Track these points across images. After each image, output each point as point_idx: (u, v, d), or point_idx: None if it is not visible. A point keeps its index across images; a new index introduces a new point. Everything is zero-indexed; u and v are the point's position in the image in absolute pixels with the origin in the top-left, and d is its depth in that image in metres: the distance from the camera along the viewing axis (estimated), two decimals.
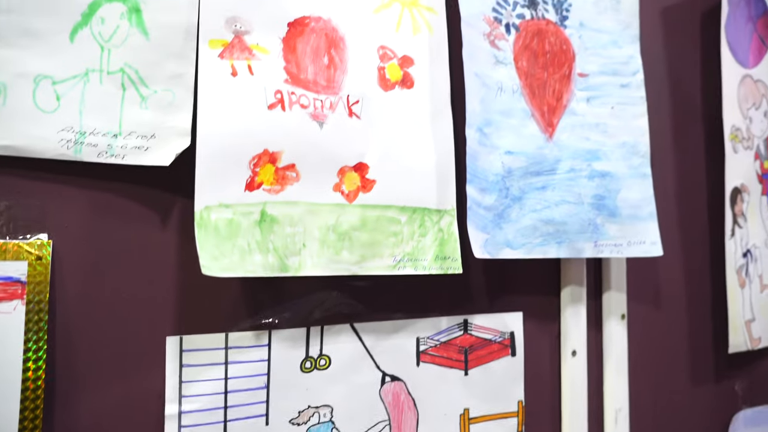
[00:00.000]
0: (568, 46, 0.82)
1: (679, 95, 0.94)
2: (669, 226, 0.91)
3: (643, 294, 0.88)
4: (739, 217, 0.93)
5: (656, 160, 0.89)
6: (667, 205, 0.92)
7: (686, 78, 0.95)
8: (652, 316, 0.88)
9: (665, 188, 0.92)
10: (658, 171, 0.90)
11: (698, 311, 0.93)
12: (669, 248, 0.91)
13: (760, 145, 0.98)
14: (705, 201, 0.95)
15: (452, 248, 0.69)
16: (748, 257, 0.94)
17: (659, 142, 0.92)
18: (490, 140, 0.73)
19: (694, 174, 0.95)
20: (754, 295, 0.94)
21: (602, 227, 0.78)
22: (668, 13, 0.95)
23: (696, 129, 0.95)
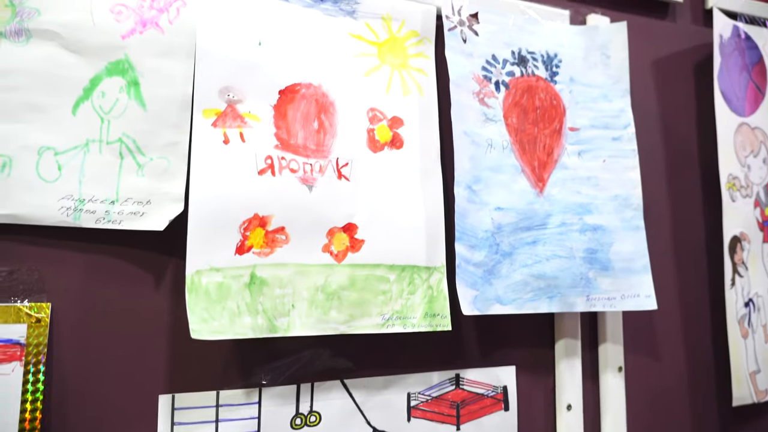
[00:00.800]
0: (558, 101, 0.83)
1: (674, 146, 0.95)
2: (667, 277, 0.91)
3: (640, 346, 0.87)
4: (740, 266, 0.92)
5: (653, 211, 0.89)
6: (665, 256, 0.91)
7: (681, 129, 0.96)
8: (650, 368, 0.87)
9: (663, 239, 0.91)
10: (655, 222, 0.90)
11: (700, 363, 0.91)
12: (667, 299, 0.90)
13: (760, 193, 0.97)
14: (703, 251, 0.94)
15: (441, 305, 0.70)
16: (750, 307, 0.93)
17: (656, 192, 0.92)
18: (480, 197, 0.74)
19: (692, 224, 0.94)
20: (759, 346, 0.93)
21: (594, 281, 0.78)
22: (661, 65, 0.96)
23: (692, 179, 0.95)
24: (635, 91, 0.91)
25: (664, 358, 0.88)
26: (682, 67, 0.97)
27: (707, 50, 0.96)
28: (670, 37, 0.98)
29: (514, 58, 0.82)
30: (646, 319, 0.88)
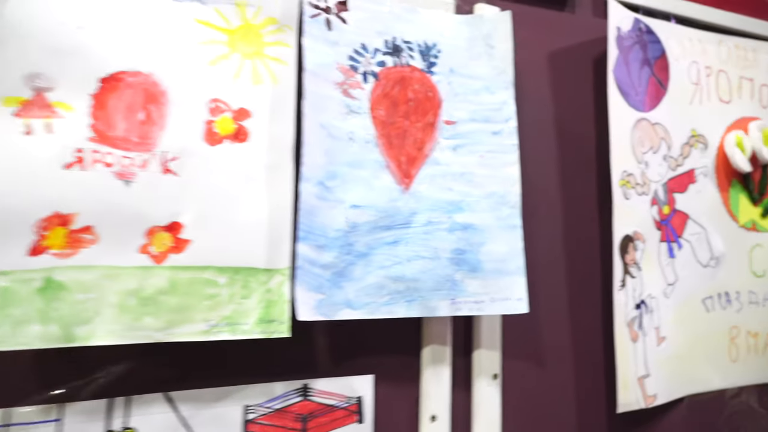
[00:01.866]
0: (434, 93, 0.78)
1: (570, 142, 0.90)
2: (557, 279, 0.86)
3: (521, 352, 0.82)
4: (632, 267, 0.88)
5: (543, 210, 0.85)
6: (556, 257, 0.86)
7: (579, 124, 0.91)
8: (532, 375, 0.82)
9: (554, 239, 0.86)
10: (545, 221, 0.85)
11: (589, 369, 0.87)
12: (556, 302, 0.86)
13: (659, 190, 0.93)
14: (597, 251, 0.90)
15: (280, 310, 0.64)
16: (642, 309, 0.88)
17: (549, 190, 0.87)
18: (334, 194, 0.69)
19: (586, 223, 0.89)
20: (650, 349, 0.88)
21: (462, 283, 0.73)
22: (558, 58, 0.91)
23: (589, 176, 0.90)
24: (530, 85, 0.86)
25: (549, 364, 0.84)
26: (581, 60, 0.92)
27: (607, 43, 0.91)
28: (568, 29, 0.92)
29: (387, 48, 0.76)
30: (530, 323, 0.83)
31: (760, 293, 1.02)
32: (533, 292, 0.82)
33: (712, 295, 0.97)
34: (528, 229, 0.82)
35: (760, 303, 1.02)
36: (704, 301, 0.96)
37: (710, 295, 0.97)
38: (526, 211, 0.81)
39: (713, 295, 0.97)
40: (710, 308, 0.97)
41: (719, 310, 0.98)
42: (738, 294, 1.00)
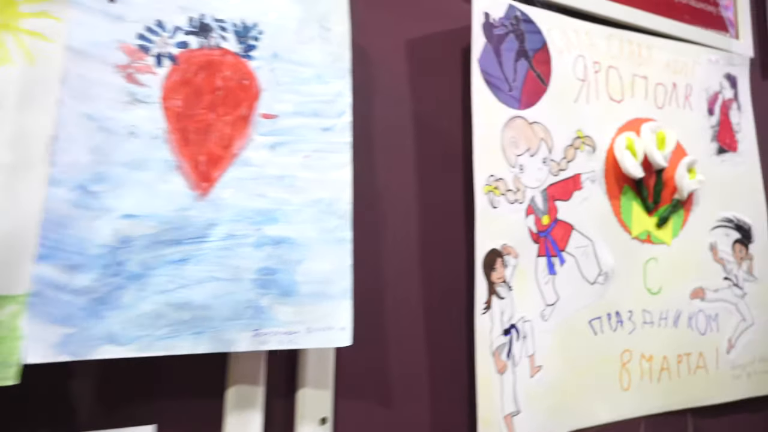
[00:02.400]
0: (251, 82, 0.65)
1: (434, 142, 0.78)
2: (411, 301, 0.74)
3: (362, 389, 0.69)
4: (499, 286, 0.76)
5: (397, 221, 0.72)
6: (410, 277, 0.74)
7: (442, 122, 0.79)
8: (376, 417, 0.69)
9: (407, 255, 0.74)
10: (398, 234, 0.72)
11: (448, 407, 0.74)
12: (409, 329, 0.73)
13: (537, 198, 0.82)
14: (464, 269, 0.78)
15: (9, 350, 0.50)
16: (512, 335, 0.76)
17: (403, 199, 0.75)
18: (100, 201, 0.55)
19: (450, 236, 0.77)
20: (521, 382, 0.76)
21: (269, 310, 0.60)
22: (419, 47, 0.79)
23: (454, 182, 0.78)
24: (384, 76, 0.74)
25: (398, 402, 0.71)
26: (447, 49, 0.81)
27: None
28: (433, 14, 0.81)
29: (192, 26, 0.63)
30: (375, 353, 0.70)
31: (655, 312, 0.91)
32: (380, 317, 0.70)
33: (600, 315, 0.86)
34: (374, 244, 0.70)
35: (655, 323, 0.91)
36: (591, 322, 0.85)
37: (598, 315, 0.86)
38: (371, 222, 0.69)
39: (602, 316, 0.86)
40: (598, 330, 0.86)
41: (609, 332, 0.87)
42: (630, 313, 0.89)
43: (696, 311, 0.95)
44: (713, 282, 0.98)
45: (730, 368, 0.97)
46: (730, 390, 0.96)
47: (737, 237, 1.02)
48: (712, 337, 0.96)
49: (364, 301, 0.69)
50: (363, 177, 0.71)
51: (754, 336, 1.01)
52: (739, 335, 0.99)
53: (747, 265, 1.02)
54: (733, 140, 1.05)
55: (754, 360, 1.00)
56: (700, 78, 1.02)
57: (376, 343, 0.69)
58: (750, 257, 1.03)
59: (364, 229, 0.70)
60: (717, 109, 1.04)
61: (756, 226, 1.04)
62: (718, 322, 0.97)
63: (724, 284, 0.99)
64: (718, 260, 0.99)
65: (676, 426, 0.92)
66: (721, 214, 1.01)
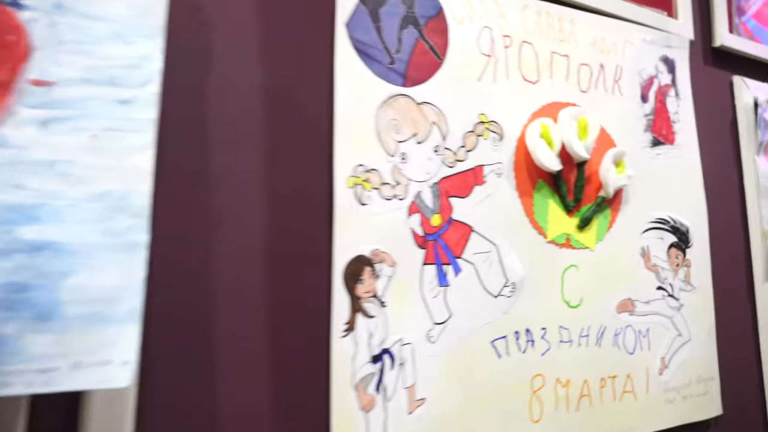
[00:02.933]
0: (20, 39, 0.49)
1: (290, 123, 0.63)
2: (253, 323, 0.58)
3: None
4: (367, 302, 0.61)
5: (236, 218, 0.57)
6: (253, 292, 0.59)
7: (307, 100, 0.64)
8: None
9: (252, 263, 0.59)
10: (239, 236, 0.57)
11: None
12: (250, 360, 0.58)
13: (424, 194, 0.67)
14: (325, 281, 0.62)
15: None
16: (383, 362, 0.62)
17: (245, 189, 0.59)
18: None
19: (310, 240, 0.62)
20: (395, 420, 0.62)
21: (14, 341, 0.44)
22: (278, 7, 0.64)
23: (317, 171, 0.63)
24: (224, 40, 0.58)
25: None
26: (314, 10, 0.66)
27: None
28: None
29: None
30: (198, 397, 0.55)
31: (574, 328, 0.78)
32: (208, 345, 0.54)
33: (505, 334, 0.72)
34: (202, 248, 0.55)
35: (574, 341, 0.78)
36: (494, 343, 0.71)
37: (503, 334, 0.72)
38: (199, 220, 0.54)
39: (507, 335, 0.72)
40: (503, 352, 0.72)
41: (516, 354, 0.73)
42: (544, 331, 0.75)
43: (623, 327, 0.82)
44: (644, 292, 0.85)
45: (663, 391, 0.84)
46: (663, 417, 0.84)
47: (673, 240, 0.89)
48: (643, 357, 0.83)
49: (186, 323, 0.54)
50: (189, 163, 0.56)
51: (691, 354, 0.88)
52: (674, 353, 0.86)
53: (684, 272, 0.89)
54: (669, 131, 0.92)
55: (691, 382, 0.87)
56: (632, 60, 0.89)
57: (202, 380, 0.53)
58: (688, 263, 0.90)
59: (188, 228, 0.55)
60: (652, 96, 0.91)
61: (695, 228, 0.92)
62: (649, 339, 0.84)
63: (657, 295, 0.87)
64: (651, 267, 0.86)
65: None
66: (655, 214, 0.88)
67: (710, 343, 0.91)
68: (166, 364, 0.53)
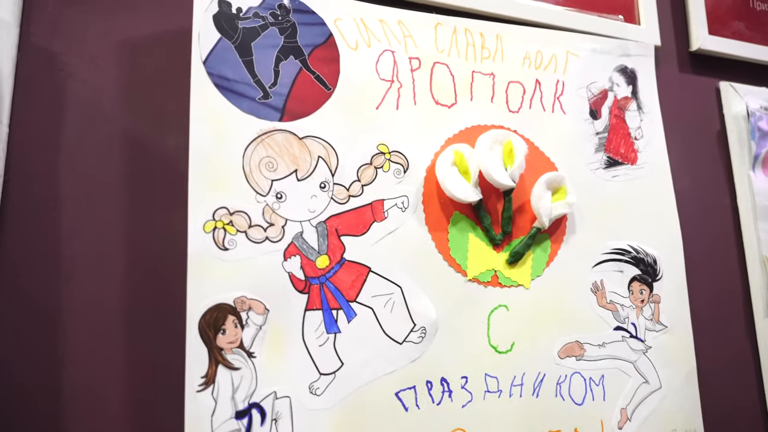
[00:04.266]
0: None
1: (152, 168, 0.62)
2: (105, 375, 0.57)
3: None
4: (231, 354, 0.58)
5: (90, 270, 0.56)
6: (108, 344, 0.57)
7: (169, 142, 0.63)
8: None
9: (106, 317, 0.58)
10: (91, 288, 0.56)
11: None
12: (109, 408, 0.56)
13: (308, 234, 0.64)
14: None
15: None
16: (250, 418, 0.58)
17: (101, 239, 0.58)
18: None
19: (169, 289, 0.60)
20: None
21: None
22: (137, 49, 0.64)
23: (181, 219, 0.61)
24: (80, 87, 0.59)
25: None
26: (177, 51, 0.65)
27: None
28: (157, 10, 0.65)
29: None
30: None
31: (503, 377, 0.71)
32: (54, 392, 0.53)
33: (414, 384, 0.67)
34: (50, 301, 0.54)
35: (504, 391, 0.71)
36: (399, 394, 0.66)
37: (411, 384, 0.66)
38: (48, 277, 0.54)
39: (416, 385, 0.67)
40: (411, 405, 0.66)
41: (428, 406, 0.67)
42: (465, 380, 0.69)
43: (568, 374, 0.74)
44: (597, 334, 0.76)
45: None
46: None
47: (636, 273, 0.80)
48: (595, 408, 0.74)
49: (34, 376, 0.52)
50: (40, 216, 0.55)
51: (664, 403, 0.78)
52: (638, 404, 0.77)
53: (651, 309, 0.80)
54: (630, 149, 0.83)
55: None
56: (577, 73, 0.82)
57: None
58: (656, 299, 0.80)
59: (36, 282, 0.54)
60: (605, 112, 0.83)
61: (665, 257, 0.82)
62: (603, 387, 0.75)
63: (615, 336, 0.77)
64: (606, 305, 0.77)
65: None
66: (612, 244, 0.79)
67: (690, 390, 0.80)
68: (12, 418, 0.51)
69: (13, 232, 0.54)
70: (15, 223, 0.55)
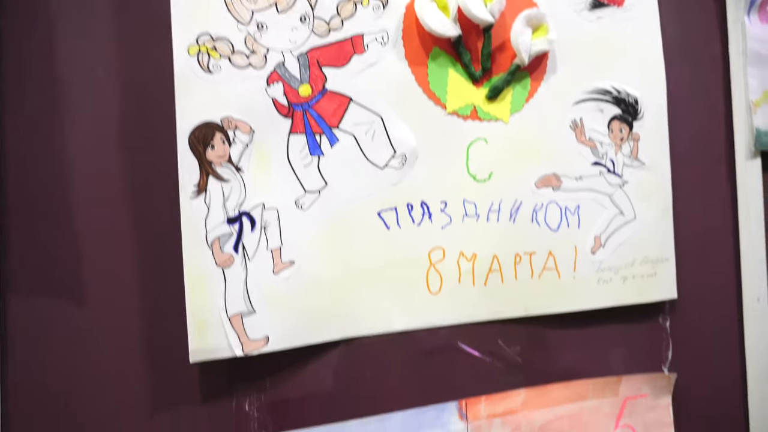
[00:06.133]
0: None
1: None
2: (107, 181, 0.62)
3: (39, 288, 0.59)
4: (220, 167, 0.62)
5: (98, 104, 0.60)
6: (107, 159, 0.62)
7: None
8: (60, 321, 0.59)
9: (105, 135, 0.62)
10: (99, 117, 0.60)
11: (164, 309, 0.63)
12: (106, 214, 0.62)
13: (289, 63, 0.66)
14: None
15: None
16: (242, 224, 0.63)
17: (96, 76, 0.62)
18: None
19: (159, 109, 0.64)
20: (257, 278, 0.63)
21: None
22: None
23: (166, 45, 0.63)
24: None
25: (93, 302, 0.61)
26: None
27: None
28: None
29: None
30: (54, 242, 0.60)
31: (482, 203, 0.74)
32: (63, 204, 0.59)
33: (395, 206, 0.70)
34: (51, 128, 0.59)
35: (481, 216, 0.74)
36: (381, 214, 0.70)
37: (392, 206, 0.70)
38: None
39: (397, 207, 0.70)
40: (392, 224, 0.70)
41: (409, 226, 0.71)
42: (444, 204, 0.72)
43: (545, 202, 0.76)
44: (575, 168, 0.78)
45: (596, 271, 0.78)
46: (593, 297, 0.77)
47: (616, 113, 0.80)
48: (570, 234, 0.77)
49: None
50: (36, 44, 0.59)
51: (637, 233, 0.80)
52: (612, 233, 0.79)
53: (630, 146, 0.80)
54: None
55: (635, 262, 0.80)
56: None
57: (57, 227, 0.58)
58: (635, 137, 0.81)
59: (37, 114, 0.59)
60: None
61: (647, 99, 0.81)
62: (579, 216, 0.77)
63: (593, 171, 0.79)
64: (585, 141, 0.78)
65: (513, 337, 0.75)
66: (593, 84, 0.79)
67: (664, 223, 0.82)
68: None
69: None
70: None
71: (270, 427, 0.64)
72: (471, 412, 0.73)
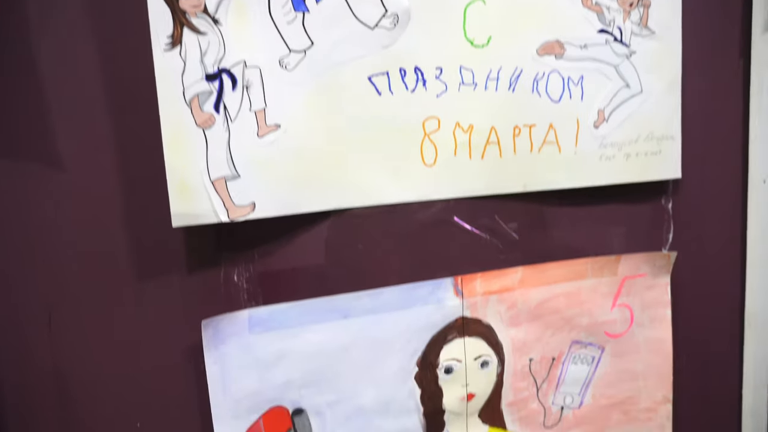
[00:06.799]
0: None
1: None
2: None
3: None
4: (196, 18, 0.56)
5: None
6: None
7: None
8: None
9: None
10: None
11: (144, 174, 0.59)
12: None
13: None
14: None
15: None
16: (221, 82, 0.58)
17: None
18: None
19: None
20: (240, 141, 0.59)
21: None
22: None
23: None
24: None
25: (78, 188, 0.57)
26: None
27: None
28: None
29: None
30: None
31: (479, 70, 0.68)
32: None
33: (387, 70, 0.65)
34: None
35: (479, 84, 0.69)
36: (372, 79, 0.64)
37: (383, 70, 0.65)
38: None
39: (389, 71, 0.65)
40: (384, 90, 0.65)
41: (402, 92, 0.66)
42: (439, 71, 0.67)
43: (547, 71, 0.71)
44: (579, 34, 0.72)
45: (598, 146, 0.73)
46: (594, 173, 0.74)
47: None
48: (572, 106, 0.72)
49: None
50: None
51: (643, 108, 0.75)
52: (617, 106, 0.74)
53: (639, 13, 0.74)
54: None
55: (639, 138, 0.75)
56: None
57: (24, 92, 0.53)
58: (645, 3, 0.74)
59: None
60: None
61: None
62: (582, 87, 0.72)
63: (599, 39, 0.73)
64: (592, 6, 0.72)
65: (511, 213, 0.72)
66: None
67: (671, 98, 0.76)
68: None
69: None
70: None
71: (260, 299, 0.62)
72: (467, 289, 0.70)
